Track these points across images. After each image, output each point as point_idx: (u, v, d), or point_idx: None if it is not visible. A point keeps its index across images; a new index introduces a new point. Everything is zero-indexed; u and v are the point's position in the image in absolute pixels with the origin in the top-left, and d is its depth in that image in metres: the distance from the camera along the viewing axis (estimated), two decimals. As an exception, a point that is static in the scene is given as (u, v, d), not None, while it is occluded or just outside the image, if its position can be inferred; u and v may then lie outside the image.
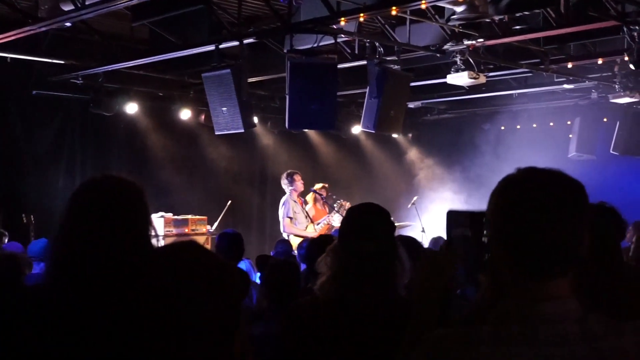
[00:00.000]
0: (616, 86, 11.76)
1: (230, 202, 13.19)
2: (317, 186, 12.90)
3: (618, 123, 13.86)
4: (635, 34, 8.89)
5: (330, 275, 3.31)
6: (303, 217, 12.04)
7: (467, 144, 15.96)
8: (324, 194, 12.82)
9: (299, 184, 12.07)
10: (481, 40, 9.68)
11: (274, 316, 4.89)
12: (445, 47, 10.04)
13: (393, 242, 3.35)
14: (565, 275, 1.95)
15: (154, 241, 2.76)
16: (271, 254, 9.43)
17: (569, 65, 11.21)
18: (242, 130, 10.24)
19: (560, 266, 1.93)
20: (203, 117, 13.64)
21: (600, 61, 11.02)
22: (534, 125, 15.83)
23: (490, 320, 1.96)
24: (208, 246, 12.43)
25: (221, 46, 9.86)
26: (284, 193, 12.22)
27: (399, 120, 10.77)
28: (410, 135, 17.70)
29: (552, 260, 1.91)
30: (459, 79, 10.17)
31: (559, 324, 1.90)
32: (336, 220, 12.13)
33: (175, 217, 12.67)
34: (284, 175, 12.22)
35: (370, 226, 3.32)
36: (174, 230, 12.48)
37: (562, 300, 1.92)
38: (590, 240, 2.05)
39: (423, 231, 14.07)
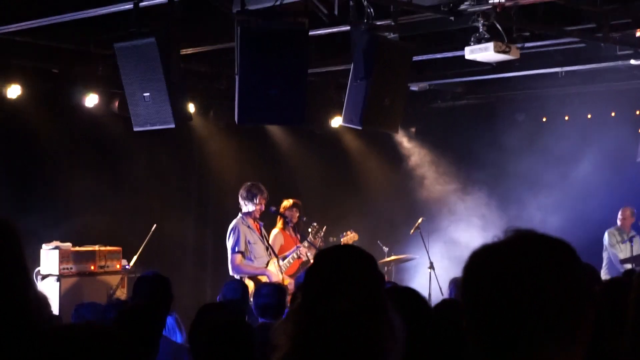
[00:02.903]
0: (703, 63, 11.86)
1: (155, 226, 13.12)
2: (285, 204, 12.85)
3: None
4: None
5: (290, 350, 3.27)
6: (262, 249, 11.97)
7: (493, 142, 16.02)
8: (295, 216, 12.77)
9: (260, 208, 12.02)
10: (513, -3, 9.73)
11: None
12: (463, 6, 10.06)
13: (379, 300, 3.32)
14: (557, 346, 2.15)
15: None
16: (217, 299, 9.37)
17: (638, 33, 11.27)
18: (173, 126, 10.18)
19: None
20: (117, 104, 13.55)
21: (682, 28, 11.12)
22: (589, 117, 15.93)
23: None
24: (124, 290, 12.43)
25: (142, 4, 9.82)
26: (234, 215, 12.14)
27: (396, 111, 10.75)
28: (413, 129, 17.73)
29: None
30: (482, 52, 10.19)
31: None
32: (310, 253, 12.10)
33: (77, 248, 12.58)
34: (245, 188, 12.10)
35: (344, 277, 3.29)
36: (74, 268, 12.41)
37: None
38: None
39: (431, 267, 14.11)
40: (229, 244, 11.90)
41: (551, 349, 2.14)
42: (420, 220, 14.67)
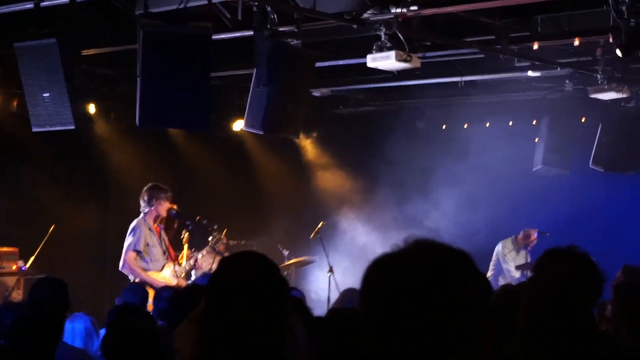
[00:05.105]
0: (598, 76, 12.14)
1: (53, 227, 12.98)
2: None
3: (600, 126, 14.32)
4: (624, 8, 9.20)
5: (193, 355, 3.32)
6: (160, 252, 11.92)
7: (393, 148, 16.13)
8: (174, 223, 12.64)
9: (163, 208, 11.95)
10: (415, 8, 9.80)
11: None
12: (365, 15, 10.15)
13: (281, 308, 3.37)
14: None
15: None
16: (116, 302, 9.34)
17: (535, 46, 11.50)
18: (73, 127, 10.11)
19: None
20: (15, 104, 13.36)
21: (576, 42, 11.35)
22: (487, 125, 16.18)
23: None
24: (20, 291, 12.28)
25: (43, 4, 9.72)
26: (134, 217, 12.08)
27: (298, 117, 10.82)
28: (315, 134, 17.80)
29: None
30: (384, 61, 10.29)
31: None
32: (206, 261, 12.07)
33: (-30, 250, 12.42)
34: (146, 188, 12.02)
35: (247, 285, 3.34)
36: (-32, 270, 12.24)
37: None
38: (553, 301, 2.40)
39: (330, 271, 14.20)
40: (127, 242, 11.81)
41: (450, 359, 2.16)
42: (320, 225, 14.76)
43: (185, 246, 12.57)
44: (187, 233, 12.61)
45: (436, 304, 2.15)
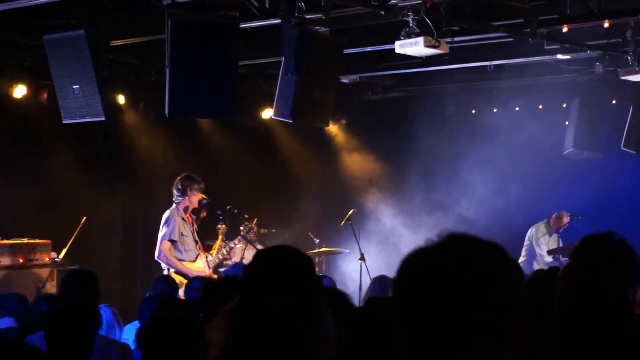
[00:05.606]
0: (628, 58, 12.06)
1: (85, 218, 13.04)
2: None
3: (631, 108, 14.23)
4: (654, -12, 9.15)
5: (225, 347, 3.32)
6: (192, 242, 11.97)
7: (422, 134, 16.12)
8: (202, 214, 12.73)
9: (196, 199, 11.99)
10: (443, -8, 9.83)
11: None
12: (393, 1, 10.13)
13: (312, 300, 3.37)
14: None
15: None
16: (147, 295, 9.37)
17: (564, 29, 11.45)
18: (103, 119, 10.16)
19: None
20: (45, 95, 13.42)
21: (606, 24, 11.29)
22: (517, 109, 16.12)
23: None
24: (53, 282, 12.34)
25: (72, -5, 9.79)
26: (163, 208, 12.10)
27: (326, 105, 10.80)
28: (344, 121, 17.80)
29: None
30: (412, 47, 10.26)
31: None
32: (238, 251, 12.08)
33: (5, 241, 12.46)
34: (180, 178, 12.07)
35: (280, 278, 3.34)
36: (2, 261, 12.28)
37: None
38: (590, 287, 2.38)
39: (362, 259, 14.19)
40: (162, 232, 11.83)
41: (484, 353, 2.16)
42: (351, 212, 14.74)
43: (220, 237, 12.63)
44: (224, 225, 12.67)
45: (471, 299, 2.15)
